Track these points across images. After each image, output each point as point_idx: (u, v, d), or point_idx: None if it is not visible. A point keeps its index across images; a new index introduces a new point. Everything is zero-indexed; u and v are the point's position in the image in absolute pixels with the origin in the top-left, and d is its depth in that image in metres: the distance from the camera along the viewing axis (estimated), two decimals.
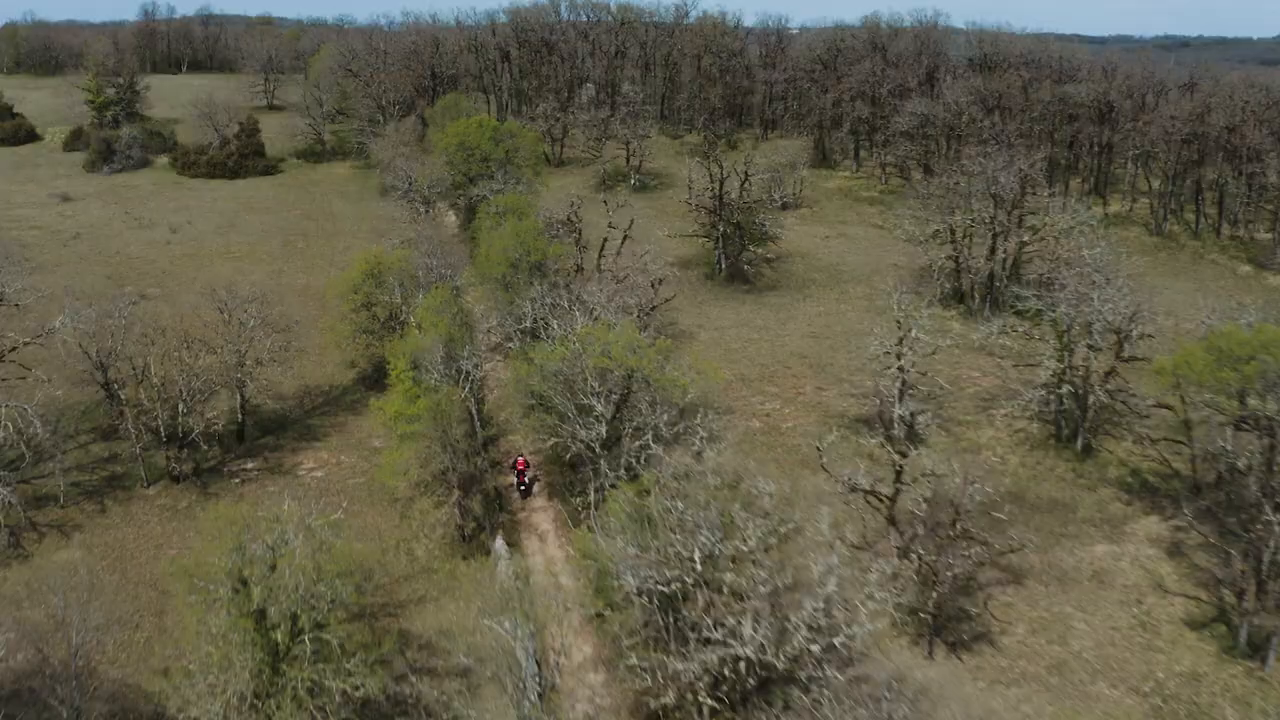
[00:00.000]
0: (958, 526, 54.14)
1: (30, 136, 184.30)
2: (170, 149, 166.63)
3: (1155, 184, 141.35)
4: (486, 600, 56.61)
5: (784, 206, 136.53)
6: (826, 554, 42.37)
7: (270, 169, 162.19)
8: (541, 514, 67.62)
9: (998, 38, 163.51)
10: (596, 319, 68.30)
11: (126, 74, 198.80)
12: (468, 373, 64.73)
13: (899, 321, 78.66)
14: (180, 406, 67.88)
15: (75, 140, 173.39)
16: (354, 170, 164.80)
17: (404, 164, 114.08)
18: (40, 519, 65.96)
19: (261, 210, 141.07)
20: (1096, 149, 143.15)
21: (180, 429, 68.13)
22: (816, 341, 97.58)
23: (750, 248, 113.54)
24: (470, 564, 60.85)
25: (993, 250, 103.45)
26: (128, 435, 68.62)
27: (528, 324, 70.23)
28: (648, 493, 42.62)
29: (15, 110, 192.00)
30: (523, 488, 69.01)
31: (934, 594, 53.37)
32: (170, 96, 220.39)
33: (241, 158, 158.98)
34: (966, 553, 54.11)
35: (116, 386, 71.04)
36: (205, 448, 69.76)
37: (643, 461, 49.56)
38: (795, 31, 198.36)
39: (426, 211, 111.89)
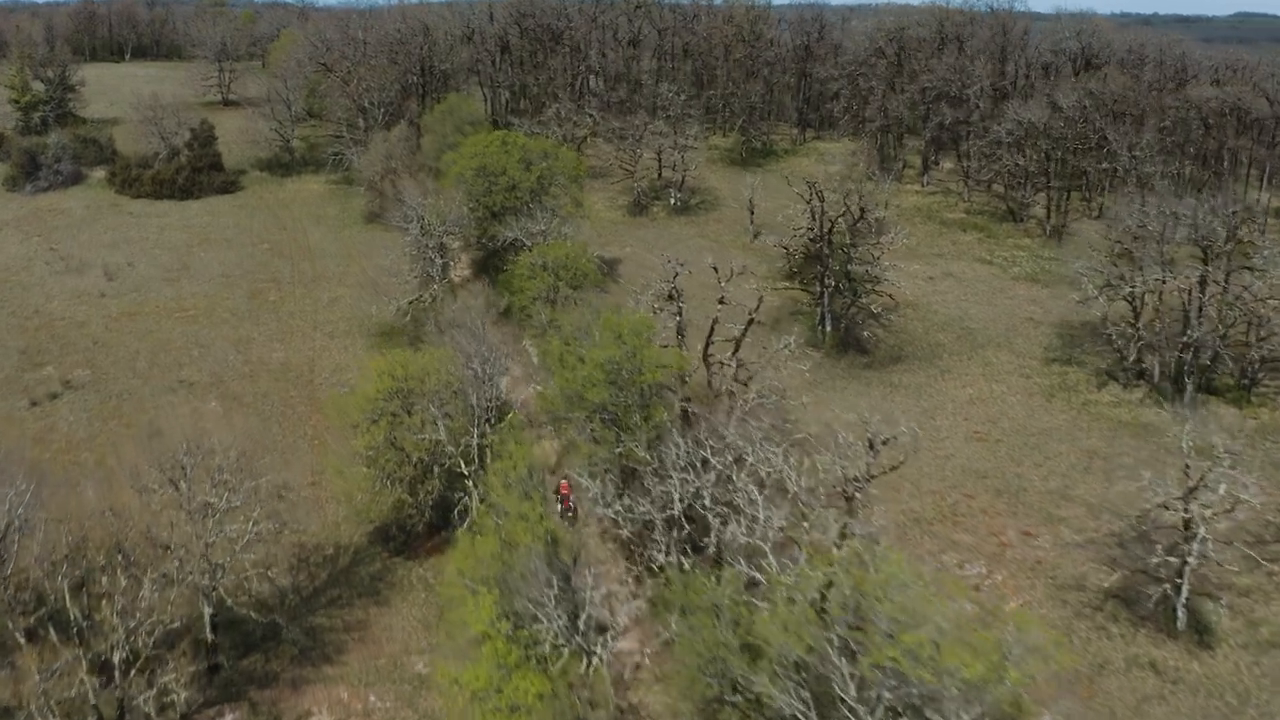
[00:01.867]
0: None
1: None
2: (108, 160, 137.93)
3: None
4: None
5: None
6: None
7: (229, 185, 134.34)
8: None
9: (1097, 27, 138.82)
10: (784, 494, 42.80)
11: (58, 66, 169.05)
12: (603, 626, 38.71)
13: (1188, 467, 53.71)
14: (116, 655, 41.46)
15: None
16: (330, 187, 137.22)
17: (411, 197, 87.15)
18: None
19: (220, 244, 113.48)
20: (1229, 163, 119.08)
21: (120, 698, 41.75)
22: (988, 449, 72.54)
23: (860, 301, 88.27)
24: None
25: (1200, 313, 78.71)
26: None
27: (675, 511, 44.02)
28: None
29: None
30: (570, 514, 58.22)
31: None
32: (110, 90, 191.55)
33: (194, 173, 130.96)
34: None
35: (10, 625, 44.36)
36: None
37: None
38: (837, 19, 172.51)
39: (442, 263, 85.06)
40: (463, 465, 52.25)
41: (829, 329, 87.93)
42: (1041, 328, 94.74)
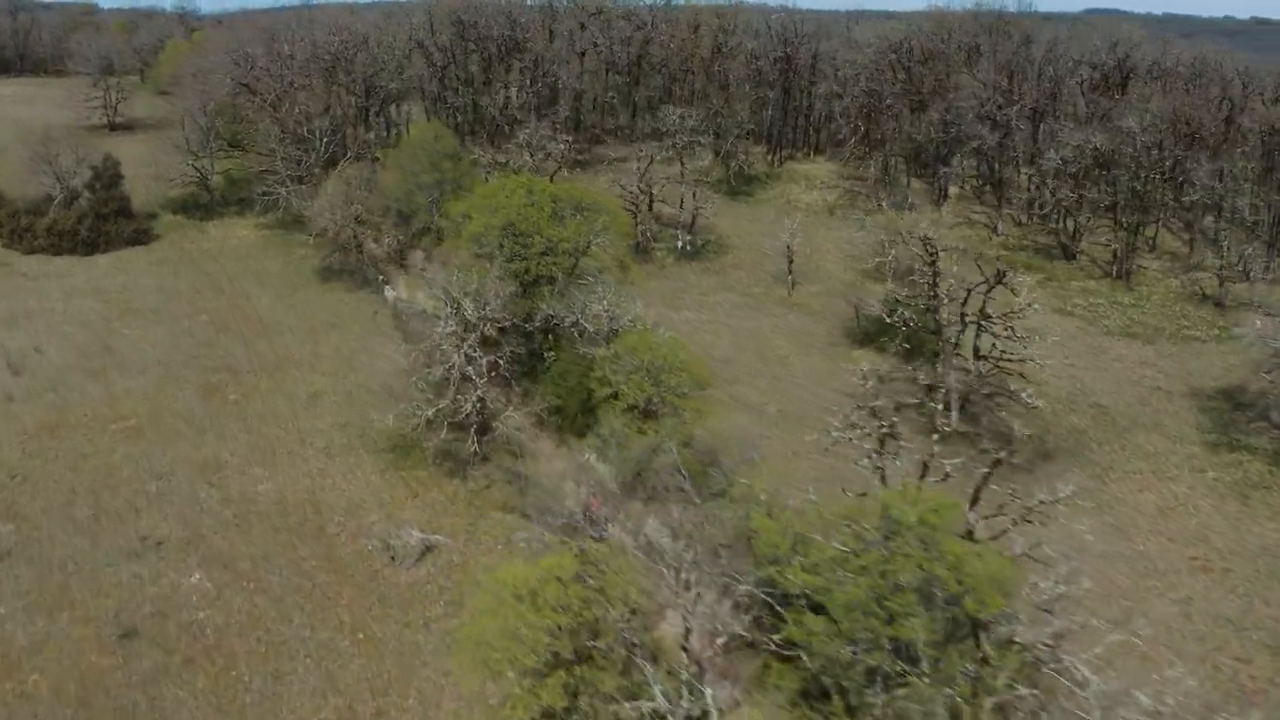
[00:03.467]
0: None
1: None
2: None
3: None
4: None
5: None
6: None
7: (141, 235, 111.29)
8: None
9: (1130, 36, 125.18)
10: None
11: None
12: None
13: None
14: None
15: None
16: (264, 234, 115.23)
17: (435, 272, 67.64)
18: None
19: (146, 316, 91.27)
20: None
21: None
22: (1220, 582, 57.33)
23: (994, 382, 72.31)
24: None
25: None
26: None
27: None
28: None
29: None
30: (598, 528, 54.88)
31: None
32: None
33: (98, 220, 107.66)
34: None
35: None
36: None
37: None
38: (814, 27, 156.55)
39: (489, 360, 65.05)
40: None
41: (956, 418, 71.34)
42: (1175, 400, 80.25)
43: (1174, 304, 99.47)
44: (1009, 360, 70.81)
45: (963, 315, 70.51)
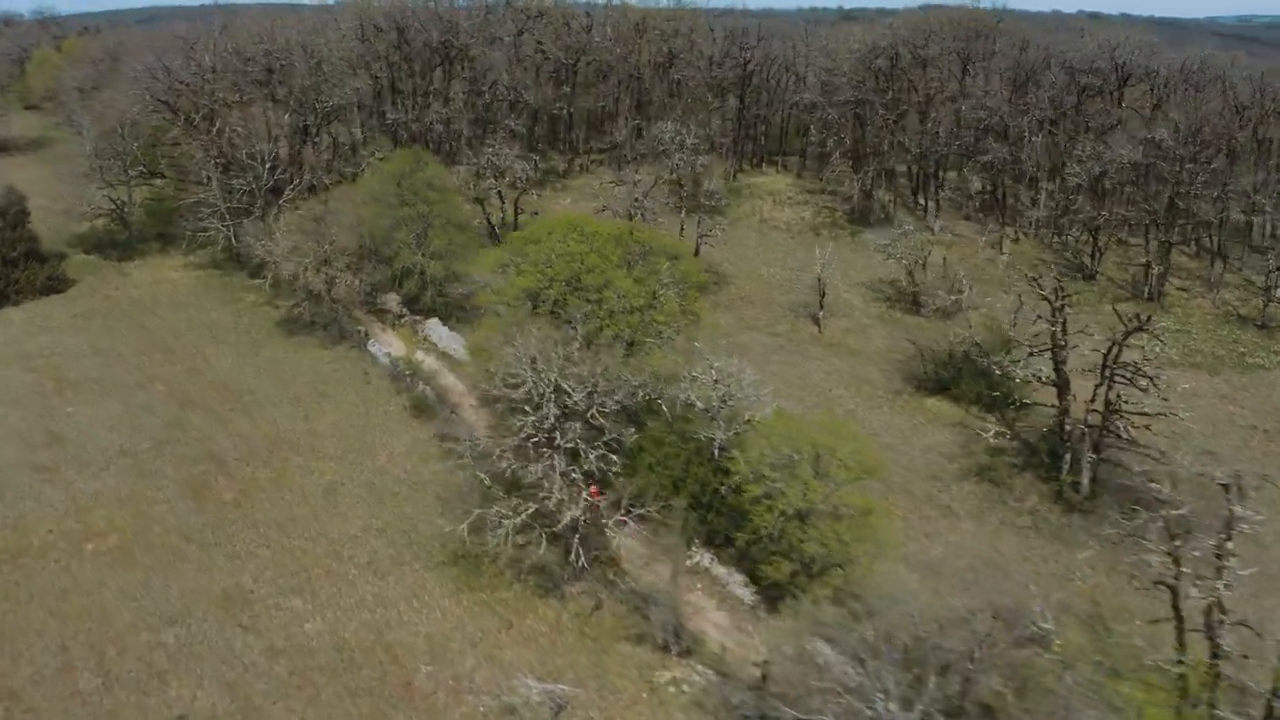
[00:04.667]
0: None
1: None
2: None
3: None
4: None
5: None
6: None
7: (56, 283, 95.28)
8: None
9: (1128, 40, 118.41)
10: None
11: None
12: None
13: None
14: None
15: None
16: (198, 274, 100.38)
17: (523, 346, 55.09)
18: None
19: (89, 388, 76.37)
20: None
21: None
22: None
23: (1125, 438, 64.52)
24: None
25: None
26: None
27: None
28: None
29: None
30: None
31: None
32: None
33: (6, 267, 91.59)
34: None
35: None
36: None
37: None
38: (768, 29, 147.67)
39: (597, 455, 53.10)
40: None
41: (1086, 481, 63.17)
42: (1276, 440, 74.15)
43: (1218, 328, 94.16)
44: (1141, 414, 63.07)
45: (1103, 365, 62.25)
